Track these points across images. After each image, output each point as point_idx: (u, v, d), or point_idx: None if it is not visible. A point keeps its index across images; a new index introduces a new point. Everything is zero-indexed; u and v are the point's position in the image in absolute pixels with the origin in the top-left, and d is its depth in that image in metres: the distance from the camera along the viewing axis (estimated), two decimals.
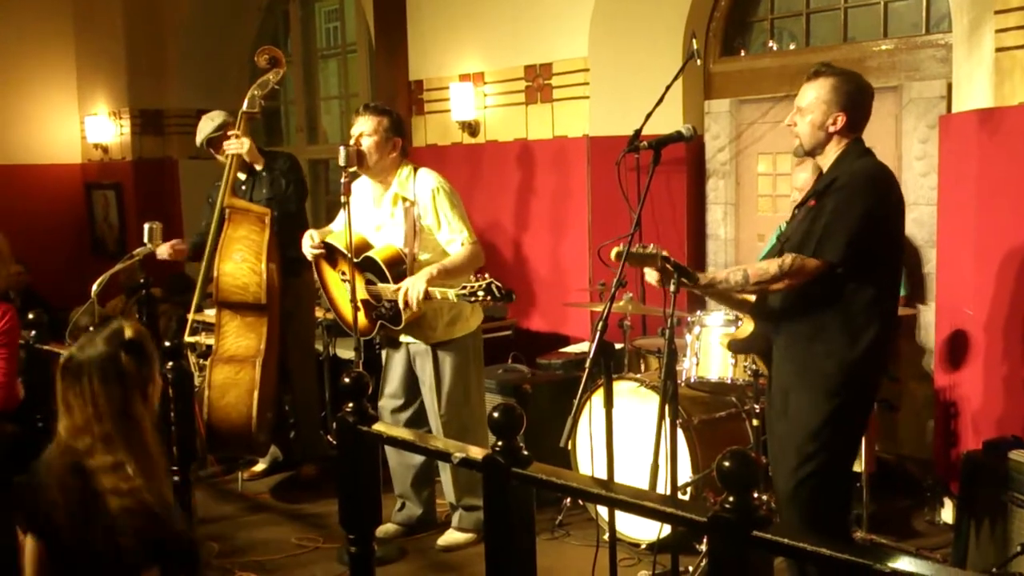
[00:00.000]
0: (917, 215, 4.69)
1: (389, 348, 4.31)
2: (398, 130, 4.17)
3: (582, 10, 5.44)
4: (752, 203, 5.48)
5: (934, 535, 4.26)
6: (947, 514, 4.30)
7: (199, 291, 4.88)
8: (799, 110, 3.11)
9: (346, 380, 2.63)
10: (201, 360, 4.72)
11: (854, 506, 3.88)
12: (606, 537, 3.30)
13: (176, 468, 3.44)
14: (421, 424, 4.26)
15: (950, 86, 4.53)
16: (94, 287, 4.17)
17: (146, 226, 4.51)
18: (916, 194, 4.69)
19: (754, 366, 3.80)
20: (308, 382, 5.18)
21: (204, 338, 4.81)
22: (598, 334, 2.97)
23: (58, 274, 8.16)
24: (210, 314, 4.91)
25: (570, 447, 4.31)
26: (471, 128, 6.10)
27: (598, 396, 3.74)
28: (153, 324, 5.02)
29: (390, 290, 3.99)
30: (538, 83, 5.72)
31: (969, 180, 4.15)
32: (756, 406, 3.86)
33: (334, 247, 4.17)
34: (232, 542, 4.43)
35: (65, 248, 8.87)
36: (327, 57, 8.43)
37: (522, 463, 2.17)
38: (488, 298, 3.60)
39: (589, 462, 3.45)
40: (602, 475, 3.13)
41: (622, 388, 4.11)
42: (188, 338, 4.83)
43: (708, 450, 3.93)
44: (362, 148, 4.08)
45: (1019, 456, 3.49)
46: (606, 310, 3.05)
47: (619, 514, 3.49)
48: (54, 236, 8.75)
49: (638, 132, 4.56)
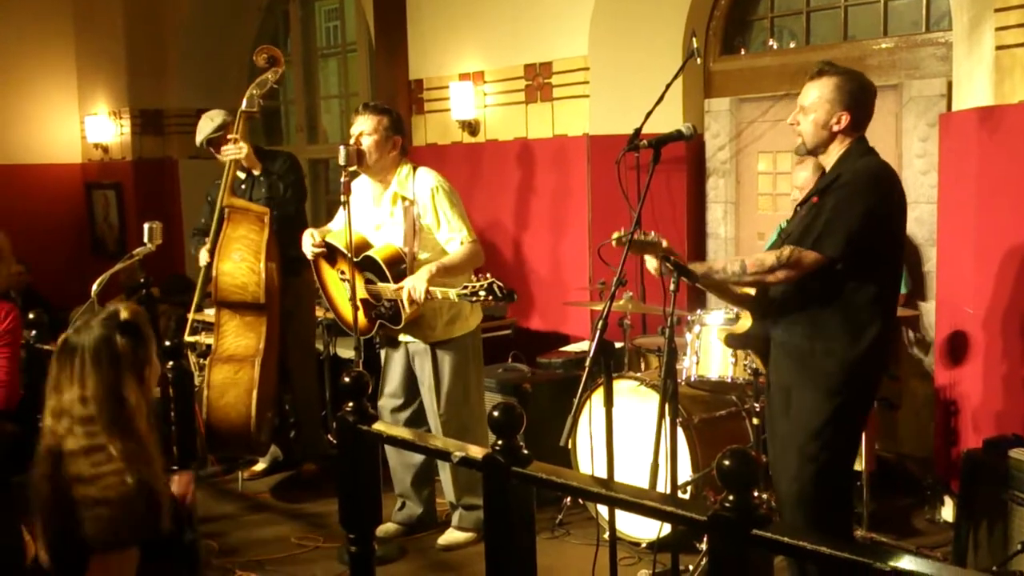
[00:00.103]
0: (917, 214, 4.69)
1: (388, 347, 4.31)
2: (398, 129, 4.17)
3: (582, 9, 5.44)
4: (752, 202, 5.48)
5: (934, 533, 4.26)
6: (947, 512, 4.30)
7: (199, 290, 4.89)
8: (802, 109, 3.11)
9: (346, 379, 2.62)
10: (201, 360, 4.73)
11: (854, 504, 3.88)
12: (606, 536, 3.30)
13: (176, 468, 3.43)
14: (421, 423, 4.26)
15: (950, 84, 4.53)
16: (94, 287, 4.16)
17: (146, 226, 4.50)
18: (916, 192, 4.69)
19: (754, 364, 3.80)
20: (308, 381, 5.18)
21: (204, 337, 4.81)
22: (598, 333, 2.96)
23: (58, 274, 8.16)
24: (210, 313, 4.91)
25: (570, 446, 4.30)
26: (471, 127, 6.09)
27: (598, 395, 3.74)
28: (153, 324, 5.01)
29: (390, 289, 3.98)
30: (538, 82, 5.72)
31: (969, 178, 4.15)
32: (756, 405, 3.86)
33: (334, 246, 4.17)
34: (232, 541, 4.44)
35: (65, 248, 8.88)
36: (327, 56, 8.43)
37: (522, 462, 2.16)
38: (490, 298, 3.60)
39: (589, 461, 3.44)
40: (602, 474, 3.13)
41: (622, 387, 4.11)
42: (188, 337, 4.84)
43: (708, 449, 3.93)
44: (362, 147, 4.08)
45: (1019, 454, 3.49)
46: (606, 309, 3.04)
47: (619, 513, 3.49)
48: (54, 236, 8.75)
49: (638, 131, 4.56)
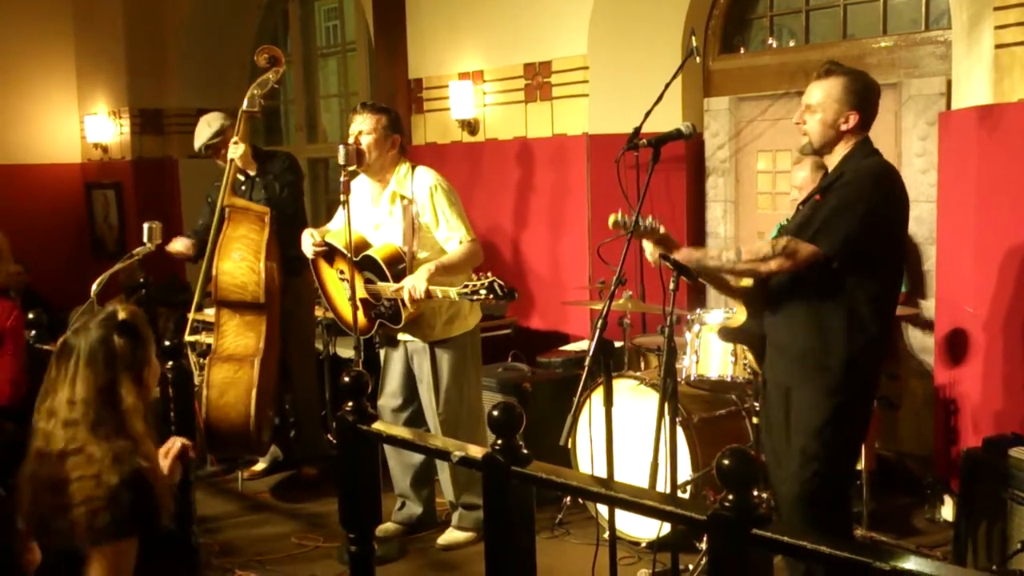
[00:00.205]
0: (917, 212, 4.67)
1: (388, 347, 4.31)
2: (396, 128, 4.16)
3: (581, 8, 5.43)
4: (752, 200, 5.48)
5: (934, 532, 4.26)
6: (947, 511, 4.30)
7: (199, 290, 4.89)
8: (808, 108, 3.10)
9: (346, 379, 2.63)
10: (201, 359, 4.73)
11: (854, 504, 3.88)
12: (606, 535, 3.30)
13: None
14: (421, 423, 4.26)
15: (949, 83, 4.52)
16: (94, 287, 4.16)
17: (146, 226, 4.50)
18: (916, 191, 4.67)
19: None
20: (308, 381, 5.18)
21: (204, 337, 4.81)
22: (598, 332, 2.96)
23: (58, 274, 8.14)
24: (210, 313, 4.91)
25: (570, 445, 4.30)
26: (470, 126, 6.09)
27: (598, 394, 3.73)
28: (153, 324, 5.02)
29: (390, 289, 3.98)
30: (537, 81, 5.72)
31: (969, 177, 4.14)
32: (756, 404, 3.86)
33: (333, 246, 4.17)
34: (232, 541, 4.44)
35: (65, 248, 8.87)
36: (327, 56, 8.42)
37: (522, 462, 2.16)
38: (491, 296, 3.59)
39: (589, 460, 3.44)
40: (602, 473, 3.13)
41: (622, 386, 4.11)
42: (188, 337, 4.84)
43: (708, 448, 3.93)
44: (361, 146, 4.08)
45: (1019, 453, 3.48)
46: (606, 308, 3.04)
47: (619, 512, 3.49)
48: (54, 236, 8.74)
49: (637, 130, 4.56)
